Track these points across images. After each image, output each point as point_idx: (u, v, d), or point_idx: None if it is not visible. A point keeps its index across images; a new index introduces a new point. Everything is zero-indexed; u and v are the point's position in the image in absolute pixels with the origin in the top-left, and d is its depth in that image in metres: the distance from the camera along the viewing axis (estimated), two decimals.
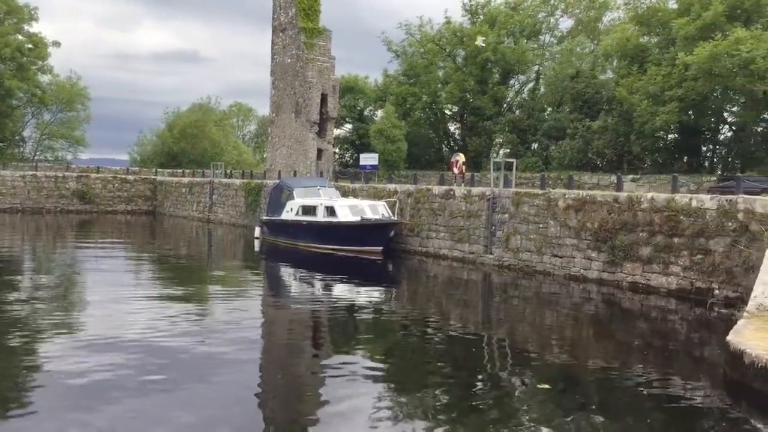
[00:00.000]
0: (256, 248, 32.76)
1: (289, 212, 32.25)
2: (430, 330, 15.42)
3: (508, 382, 11.42)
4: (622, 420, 9.68)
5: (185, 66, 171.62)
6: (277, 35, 46.25)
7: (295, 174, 41.70)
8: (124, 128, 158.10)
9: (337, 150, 56.86)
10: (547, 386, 10.94)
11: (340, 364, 12.10)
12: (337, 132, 54.21)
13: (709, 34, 33.68)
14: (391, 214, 29.24)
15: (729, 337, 11.08)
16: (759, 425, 9.69)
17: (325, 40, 44.06)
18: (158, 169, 61.16)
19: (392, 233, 28.48)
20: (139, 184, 55.27)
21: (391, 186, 32.23)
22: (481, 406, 9.91)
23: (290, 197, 32.59)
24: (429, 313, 17.94)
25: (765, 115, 37.20)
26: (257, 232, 35.10)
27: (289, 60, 44.85)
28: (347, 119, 60.19)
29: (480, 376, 11.66)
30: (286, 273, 26.24)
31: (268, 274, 26.10)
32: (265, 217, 35.14)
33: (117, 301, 17.05)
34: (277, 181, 37.71)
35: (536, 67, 54.33)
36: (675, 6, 39.29)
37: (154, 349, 12.38)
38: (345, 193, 33.63)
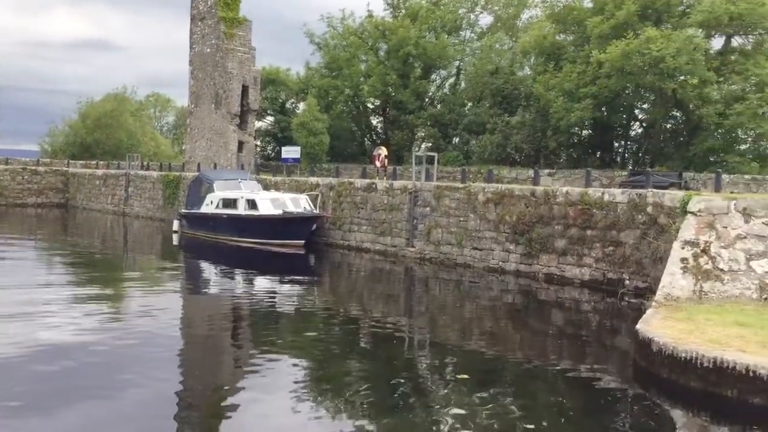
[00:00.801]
0: (175, 242, 32.05)
1: (209, 205, 31.66)
2: (350, 322, 15.44)
3: (427, 373, 11.56)
4: (537, 407, 9.94)
5: (99, 54, 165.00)
6: (195, 24, 45.22)
7: (215, 166, 40.94)
8: (34, 118, 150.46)
9: (258, 143, 56.10)
10: (465, 376, 11.10)
11: (258, 355, 11.98)
12: (258, 124, 53.54)
13: (622, 33, 34.72)
14: (313, 207, 29.10)
15: (638, 326, 11.51)
16: (666, 410, 10.14)
17: (245, 30, 43.39)
18: (71, 161, 58.91)
19: (314, 227, 28.35)
20: (50, 176, 53.11)
21: (313, 179, 32.07)
22: (399, 396, 9.97)
23: (210, 190, 31.99)
24: (350, 305, 17.96)
25: (673, 113, 38.78)
26: (176, 225, 34.30)
27: (208, 50, 43.95)
28: (269, 111, 59.47)
29: (399, 367, 11.72)
30: (206, 267, 25.78)
31: (186, 268, 25.53)
32: (184, 210, 34.37)
33: (25, 290, 16.32)
34: (197, 173, 36.95)
35: (457, 63, 54.95)
36: (590, 5, 40.42)
37: (61, 340, 12.03)
38: (267, 186, 33.24)
